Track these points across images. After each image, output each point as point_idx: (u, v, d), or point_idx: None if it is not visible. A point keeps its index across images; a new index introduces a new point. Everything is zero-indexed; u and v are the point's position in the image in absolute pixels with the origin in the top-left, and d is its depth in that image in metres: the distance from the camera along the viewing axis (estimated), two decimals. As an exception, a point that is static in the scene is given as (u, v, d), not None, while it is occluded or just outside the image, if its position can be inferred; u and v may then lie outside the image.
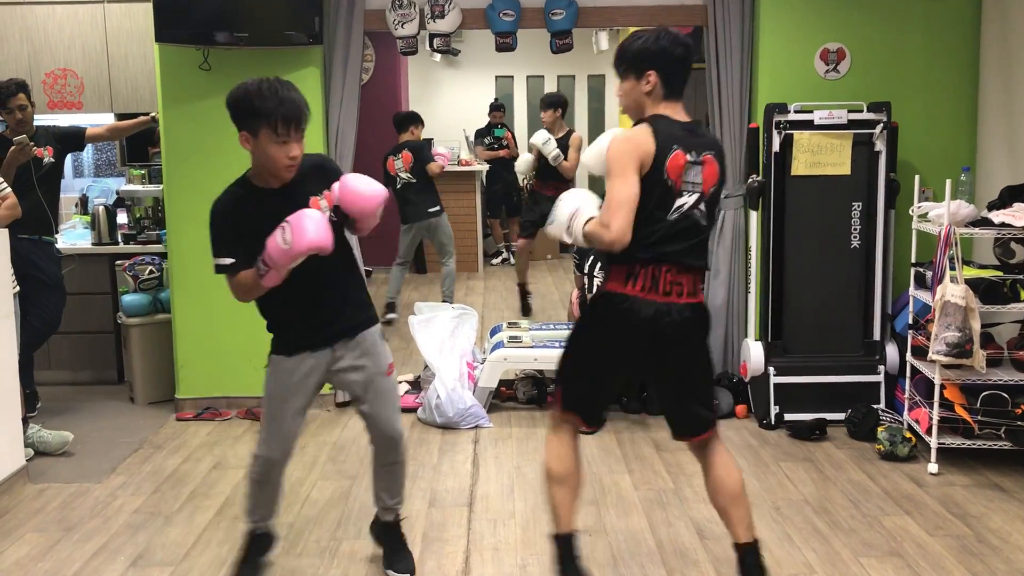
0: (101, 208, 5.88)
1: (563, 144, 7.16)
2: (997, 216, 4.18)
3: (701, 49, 5.28)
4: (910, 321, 4.51)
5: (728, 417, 5.06)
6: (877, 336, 4.98)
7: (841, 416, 4.81)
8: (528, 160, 7.58)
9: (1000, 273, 4.30)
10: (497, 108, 10.67)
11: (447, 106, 12.42)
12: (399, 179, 7.25)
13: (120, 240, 5.95)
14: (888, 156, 4.89)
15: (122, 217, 6.09)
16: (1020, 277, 4.24)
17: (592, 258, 5.17)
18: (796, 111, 4.88)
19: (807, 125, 4.86)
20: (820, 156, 4.88)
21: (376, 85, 9.59)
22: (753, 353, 4.97)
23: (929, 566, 3.34)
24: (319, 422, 5.06)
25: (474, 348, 5.59)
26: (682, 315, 2.79)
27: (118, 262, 5.72)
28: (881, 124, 4.84)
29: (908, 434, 4.40)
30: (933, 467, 4.22)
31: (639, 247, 2.73)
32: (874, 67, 5.08)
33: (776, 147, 4.90)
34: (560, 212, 2.92)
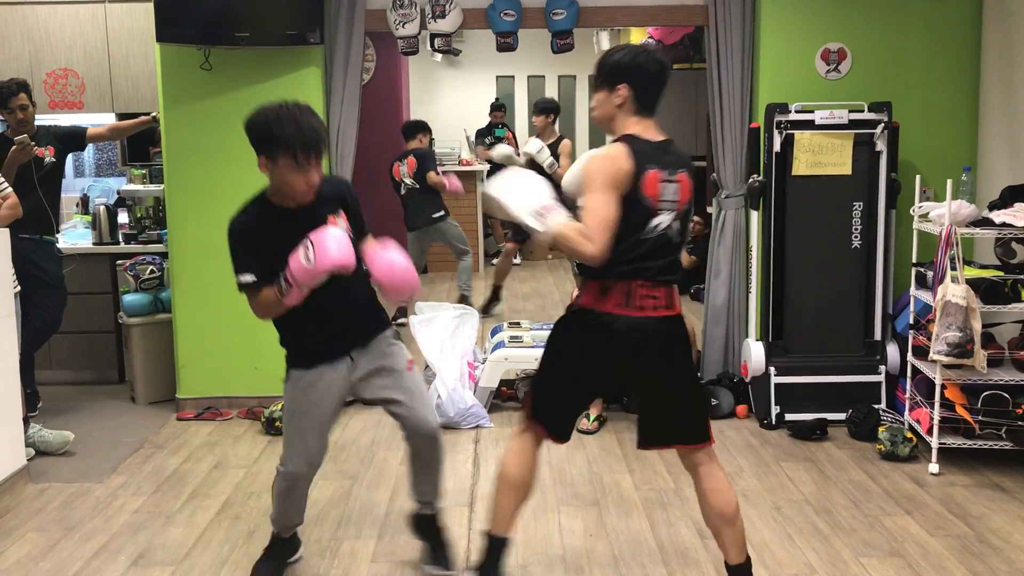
0: (102, 208, 5.89)
1: (554, 151, 7.15)
2: (998, 216, 4.18)
3: (702, 49, 5.28)
4: (911, 321, 4.51)
5: (729, 417, 5.07)
6: (878, 336, 4.98)
7: (842, 416, 4.81)
8: (505, 152, 7.51)
9: (1001, 273, 4.30)
10: (498, 108, 10.67)
11: (448, 106, 12.42)
12: (403, 184, 7.25)
13: (121, 240, 5.95)
14: (889, 156, 4.89)
15: (123, 217, 6.09)
16: (1021, 277, 4.24)
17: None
18: (797, 111, 4.88)
19: (808, 125, 4.86)
20: (821, 156, 4.88)
21: (377, 85, 9.57)
22: (754, 353, 4.97)
23: (930, 566, 3.34)
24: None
25: (475, 348, 5.59)
26: (658, 329, 2.77)
27: (119, 262, 5.71)
28: (882, 124, 4.83)
29: (909, 434, 4.40)
30: (934, 467, 4.22)
31: (615, 264, 2.71)
32: (875, 67, 5.08)
33: (777, 147, 4.90)
34: (530, 193, 2.74)
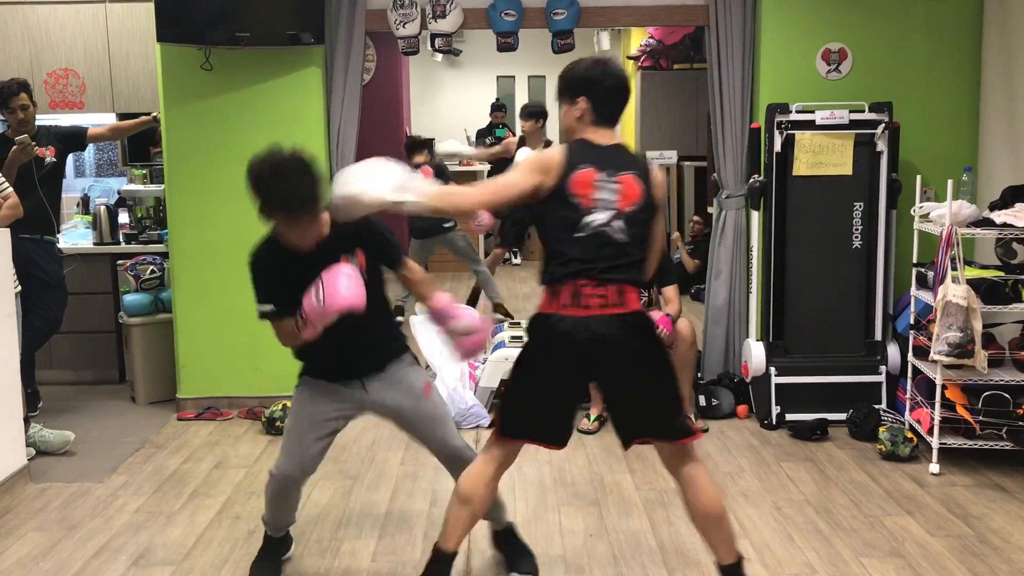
0: (103, 208, 5.89)
1: None
2: (999, 216, 4.18)
3: (703, 49, 5.28)
4: (911, 321, 4.50)
5: (729, 417, 5.07)
6: (879, 336, 4.98)
7: (842, 416, 4.81)
8: (455, 146, 7.46)
9: (1002, 273, 4.30)
10: (499, 108, 10.68)
11: (448, 106, 12.43)
12: None
13: (121, 240, 5.95)
14: (890, 156, 4.89)
15: (123, 217, 6.09)
16: (1022, 277, 4.24)
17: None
18: (798, 111, 4.88)
19: (808, 125, 4.86)
20: (822, 156, 4.88)
21: (377, 85, 9.58)
22: (754, 353, 4.97)
23: (930, 566, 3.34)
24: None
25: (475, 348, 5.58)
26: (607, 327, 2.72)
27: (119, 262, 5.72)
28: (883, 124, 4.83)
29: (909, 434, 4.40)
30: (934, 467, 4.21)
31: (556, 265, 2.75)
32: (876, 67, 5.08)
33: (778, 147, 4.89)
34: (384, 172, 2.70)
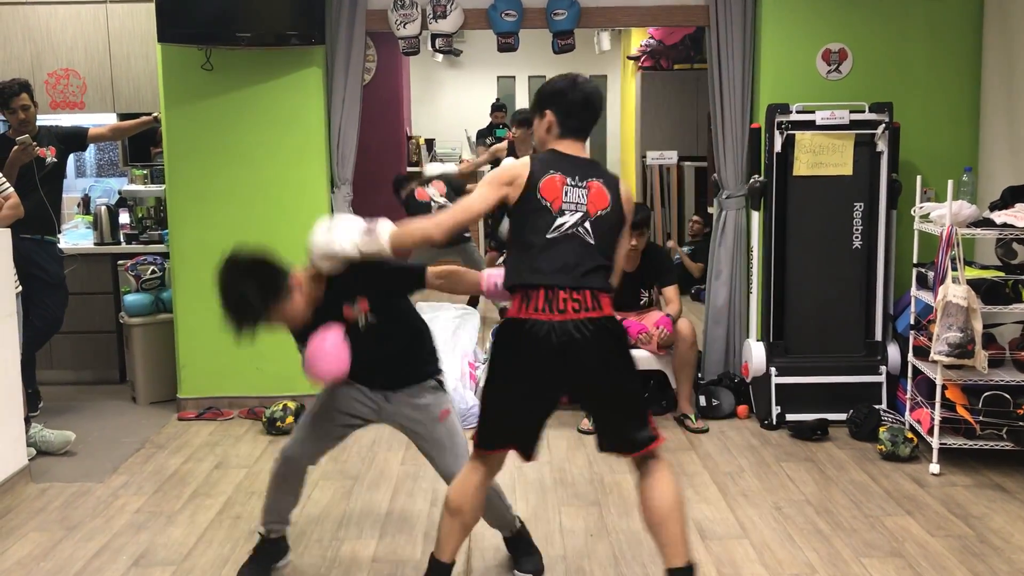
0: (103, 208, 5.89)
1: None
2: (999, 216, 4.18)
3: (703, 49, 5.28)
4: (912, 321, 4.51)
5: (730, 417, 5.07)
6: (879, 336, 4.98)
7: (843, 416, 4.81)
8: (439, 168, 7.50)
9: (1002, 274, 4.30)
10: (499, 108, 10.68)
11: (449, 106, 12.44)
12: (434, 203, 7.21)
13: (122, 240, 5.96)
14: (890, 156, 4.90)
15: (124, 217, 6.09)
16: (1022, 277, 4.24)
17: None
18: (798, 111, 4.88)
19: (809, 125, 4.86)
20: (822, 156, 4.88)
21: (378, 85, 9.58)
22: (755, 353, 4.98)
23: (931, 566, 3.34)
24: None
25: (476, 348, 5.59)
26: (581, 331, 2.70)
27: (120, 262, 5.73)
28: (883, 124, 4.84)
29: (910, 434, 4.40)
30: (935, 467, 4.22)
31: (527, 268, 2.74)
32: (876, 67, 5.08)
33: (778, 147, 4.90)
34: (347, 222, 2.78)
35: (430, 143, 11.51)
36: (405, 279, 3.07)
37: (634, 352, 4.98)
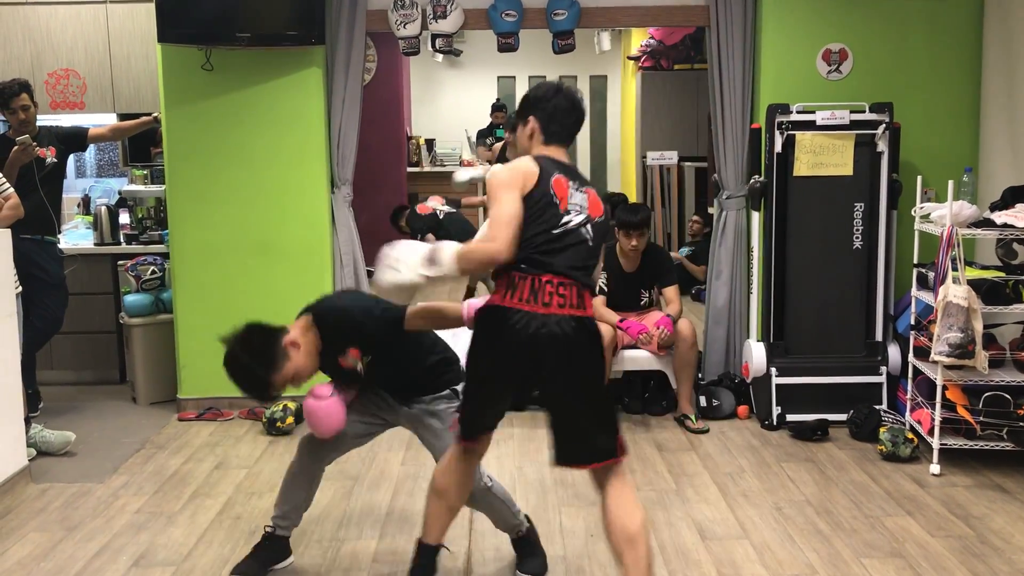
0: (103, 208, 5.89)
1: None
2: (999, 217, 4.18)
3: (703, 49, 5.28)
4: (912, 322, 4.50)
5: (730, 418, 5.07)
6: (879, 337, 4.98)
7: (843, 417, 4.81)
8: (462, 178, 7.55)
9: (1002, 274, 4.29)
10: (499, 108, 10.69)
11: (449, 106, 12.44)
12: (438, 211, 7.21)
13: (122, 240, 5.95)
14: (890, 157, 4.89)
15: (124, 217, 6.09)
16: (1022, 278, 4.24)
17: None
18: (798, 111, 4.88)
19: (809, 126, 4.86)
20: (822, 157, 4.88)
21: (378, 86, 9.59)
22: (755, 354, 4.97)
23: (931, 567, 3.34)
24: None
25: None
26: (562, 327, 2.67)
27: (120, 262, 5.72)
28: (883, 124, 4.83)
29: (910, 435, 4.40)
30: (935, 468, 4.21)
31: (525, 256, 2.70)
32: (876, 68, 5.08)
33: (778, 148, 4.90)
34: (408, 253, 2.75)
35: (430, 143, 11.51)
36: (384, 330, 3.07)
37: (635, 352, 5.07)
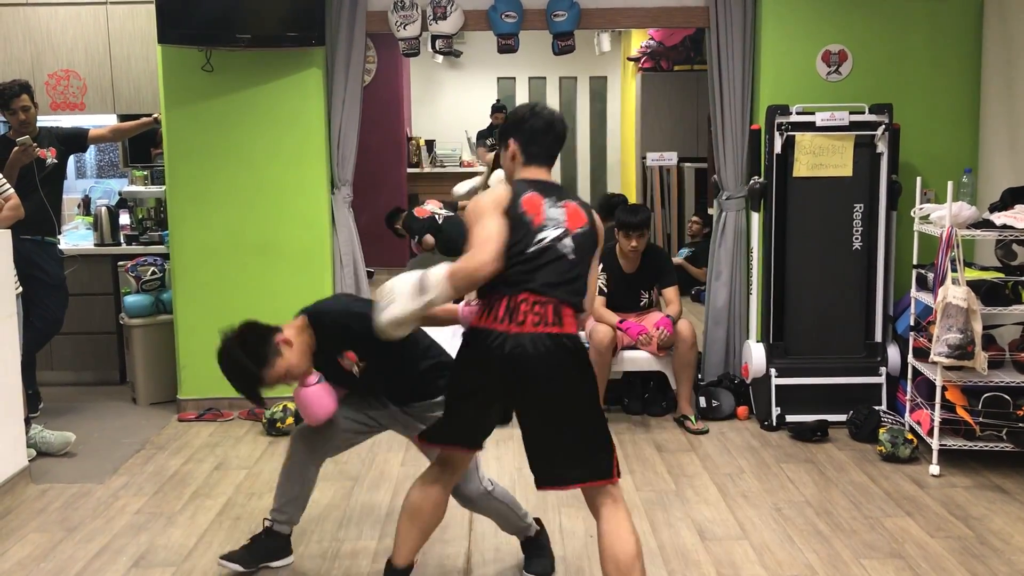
0: (103, 209, 5.89)
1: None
2: (999, 218, 4.18)
3: (703, 50, 5.28)
4: (912, 323, 4.51)
5: (730, 419, 5.07)
6: (879, 338, 4.98)
7: (843, 418, 4.81)
8: (466, 185, 7.54)
9: (1002, 275, 4.30)
10: (499, 109, 10.69)
11: (449, 107, 12.43)
12: (437, 215, 7.19)
13: (122, 241, 5.96)
14: (890, 158, 4.90)
15: (124, 218, 6.09)
16: (1022, 279, 4.24)
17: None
18: (798, 112, 4.88)
19: (809, 127, 4.87)
20: (822, 158, 4.88)
21: (378, 87, 9.60)
22: (755, 354, 4.98)
23: (930, 567, 3.34)
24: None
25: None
26: (536, 346, 2.62)
27: (120, 263, 5.73)
28: (883, 126, 4.84)
29: (910, 436, 4.40)
30: (934, 469, 4.22)
31: (500, 279, 2.68)
32: (876, 69, 5.09)
33: (778, 148, 4.90)
34: (400, 285, 2.68)
35: (430, 144, 11.51)
36: (368, 335, 3.00)
37: (634, 353, 5.08)
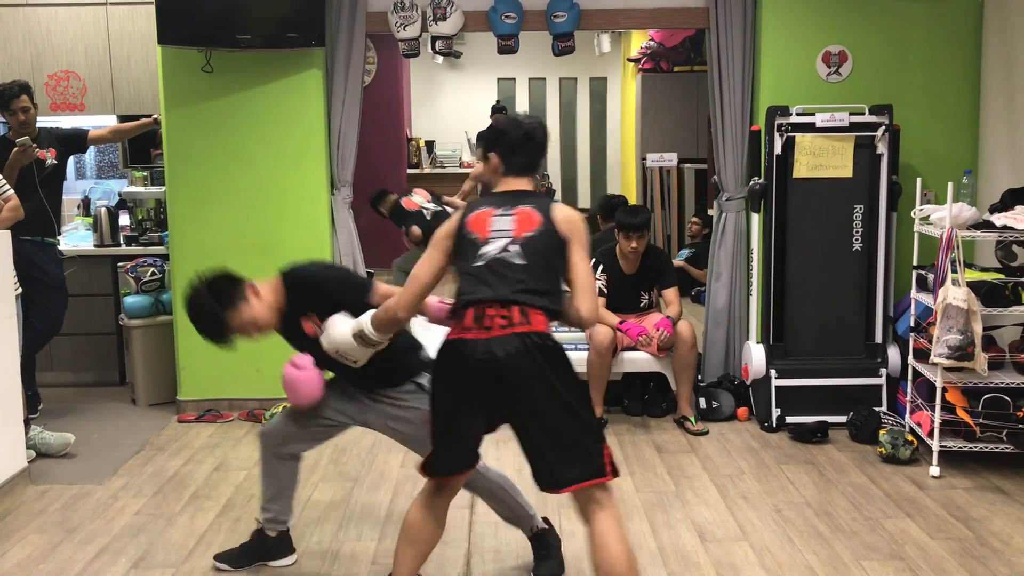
0: (103, 210, 5.89)
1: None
2: (999, 219, 4.18)
3: (703, 51, 5.28)
4: (912, 324, 4.51)
5: (730, 420, 5.07)
6: (879, 339, 4.98)
7: (843, 419, 4.81)
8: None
9: (1002, 276, 4.30)
10: (499, 110, 10.68)
11: (449, 108, 12.43)
12: (425, 210, 7.19)
13: (122, 242, 5.96)
14: (890, 158, 4.90)
15: (124, 219, 6.09)
16: (1022, 280, 4.24)
17: (594, 260, 5.17)
18: (798, 113, 4.88)
19: (809, 127, 4.86)
20: (822, 158, 4.88)
21: (378, 87, 9.59)
22: (755, 355, 4.97)
23: (930, 569, 3.34)
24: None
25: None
26: (505, 347, 2.62)
27: (120, 264, 5.72)
28: (883, 126, 4.84)
29: (910, 437, 4.40)
30: (935, 470, 4.21)
31: (464, 290, 2.75)
32: (876, 69, 5.08)
33: (778, 149, 4.90)
34: (342, 344, 2.92)
35: (430, 145, 11.51)
36: (344, 298, 3.08)
37: (634, 354, 5.07)
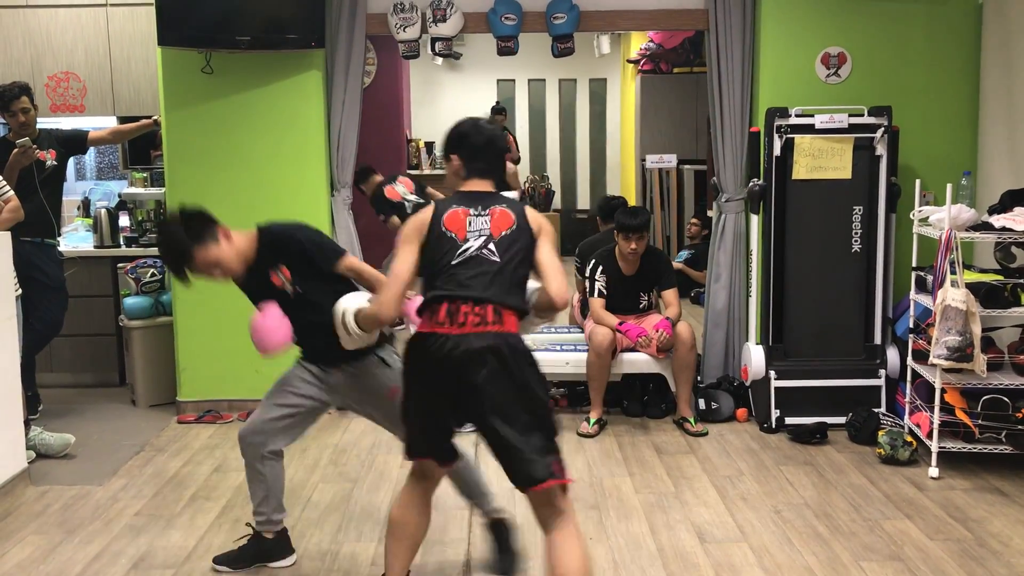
0: (103, 211, 5.90)
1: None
2: (998, 220, 4.19)
3: (703, 53, 5.28)
4: (911, 325, 4.51)
5: (729, 421, 5.07)
6: (878, 340, 4.98)
7: (842, 420, 4.81)
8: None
9: (1001, 277, 4.30)
10: (499, 112, 10.70)
11: (449, 109, 12.41)
12: (407, 203, 7.13)
13: (122, 243, 5.96)
14: (889, 160, 4.90)
15: (124, 220, 6.10)
16: (1021, 281, 4.24)
17: (593, 262, 5.18)
18: (797, 115, 4.88)
19: (808, 129, 4.87)
20: (821, 160, 4.88)
21: (378, 89, 9.58)
22: (754, 357, 4.98)
23: (930, 570, 3.34)
24: (320, 425, 5.05)
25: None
26: (478, 343, 2.65)
27: (120, 265, 5.72)
28: (882, 128, 4.84)
29: (909, 438, 4.40)
30: (934, 471, 4.22)
31: (438, 287, 2.76)
32: (875, 71, 5.09)
33: (777, 151, 4.90)
34: (338, 329, 3.01)
35: (430, 146, 11.51)
36: (317, 256, 3.21)
37: (634, 355, 5.08)
